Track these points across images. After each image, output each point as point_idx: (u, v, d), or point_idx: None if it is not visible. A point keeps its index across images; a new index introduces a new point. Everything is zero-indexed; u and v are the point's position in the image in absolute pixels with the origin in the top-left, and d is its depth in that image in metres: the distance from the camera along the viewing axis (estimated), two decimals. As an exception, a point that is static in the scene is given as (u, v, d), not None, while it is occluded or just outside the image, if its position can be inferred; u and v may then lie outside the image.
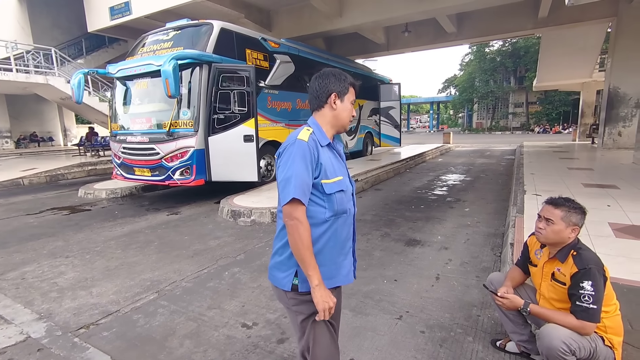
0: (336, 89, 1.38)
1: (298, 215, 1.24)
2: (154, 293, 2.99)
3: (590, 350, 1.66)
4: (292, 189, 1.23)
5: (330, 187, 1.32)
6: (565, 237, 1.77)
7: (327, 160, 1.34)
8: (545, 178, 6.67)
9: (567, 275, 1.74)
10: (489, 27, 12.90)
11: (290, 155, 1.27)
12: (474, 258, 3.62)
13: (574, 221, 1.75)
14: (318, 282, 1.27)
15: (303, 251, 1.24)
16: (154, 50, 6.36)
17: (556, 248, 1.82)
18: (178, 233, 4.70)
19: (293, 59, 8.08)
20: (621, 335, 1.77)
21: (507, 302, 1.87)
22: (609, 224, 3.81)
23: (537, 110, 37.51)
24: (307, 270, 1.26)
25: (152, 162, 6.10)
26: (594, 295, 1.63)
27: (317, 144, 1.32)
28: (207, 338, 2.34)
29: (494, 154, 14.56)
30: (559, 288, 1.80)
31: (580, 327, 1.64)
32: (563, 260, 1.78)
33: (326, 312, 1.28)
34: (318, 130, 1.37)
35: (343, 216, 1.39)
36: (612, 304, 1.76)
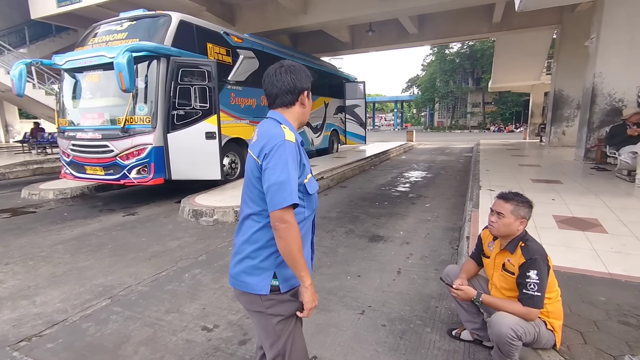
0: (307, 86, 1.36)
1: (290, 218, 1.21)
2: (107, 299, 2.82)
3: (534, 334, 1.78)
4: (288, 194, 1.19)
5: (311, 186, 1.33)
6: (514, 229, 1.88)
7: (305, 159, 1.34)
8: (499, 174, 7.08)
9: (516, 266, 1.85)
10: (448, 30, 13.44)
11: (282, 157, 1.21)
12: (433, 252, 3.76)
13: (522, 214, 1.86)
14: (310, 282, 1.27)
15: (297, 253, 1.22)
16: (107, 41, 5.97)
17: (506, 240, 1.93)
18: (135, 235, 4.47)
19: (257, 55, 7.93)
20: (561, 319, 1.92)
21: (462, 293, 1.96)
22: (553, 217, 4.12)
23: (493, 110, 39.74)
24: (301, 272, 1.24)
25: (106, 160, 5.74)
26: (538, 283, 1.74)
27: (298, 144, 1.30)
28: (164, 343, 2.24)
29: (453, 151, 15.23)
30: (508, 278, 1.91)
31: (526, 313, 1.76)
32: (512, 251, 1.89)
33: (312, 311, 1.31)
34: (291, 128, 1.33)
35: (314, 213, 1.42)
36: (554, 290, 1.90)
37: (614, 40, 7.44)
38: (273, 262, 1.29)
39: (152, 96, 5.58)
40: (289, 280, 1.31)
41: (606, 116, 7.77)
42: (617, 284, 2.60)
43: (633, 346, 1.92)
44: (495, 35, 14.34)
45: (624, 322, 2.14)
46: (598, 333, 2.04)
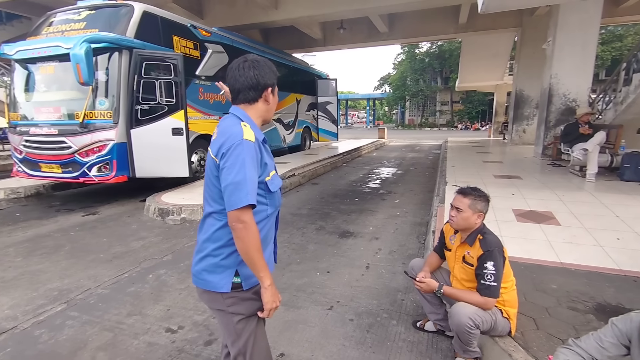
0: (271, 82, 1.32)
1: (247, 218, 1.19)
2: (62, 304, 2.67)
3: (491, 322, 1.87)
4: (245, 194, 1.17)
5: (273, 184, 1.31)
6: (473, 222, 1.96)
7: (267, 157, 1.31)
8: (464, 170, 7.36)
9: (475, 258, 1.94)
10: (417, 29, 13.74)
11: (239, 157, 1.19)
12: (401, 246, 3.85)
13: (479, 208, 1.95)
14: (270, 282, 1.25)
15: (255, 253, 1.20)
16: (63, 31, 5.61)
17: (466, 233, 2.01)
18: (95, 235, 4.26)
19: (227, 50, 7.76)
20: (516, 307, 2.03)
21: (424, 285, 2.03)
22: (513, 210, 4.34)
23: (460, 109, 41.18)
24: (260, 272, 1.23)
25: (63, 157, 5.42)
26: (494, 274, 1.83)
27: (258, 142, 1.27)
28: (124, 348, 2.15)
29: (423, 148, 15.66)
30: (468, 269, 1.99)
31: (483, 303, 1.84)
32: (472, 244, 1.97)
33: (273, 311, 1.29)
34: (253, 125, 1.30)
35: (277, 210, 1.40)
36: (509, 280, 2.00)
37: (568, 43, 7.91)
38: (235, 260, 1.28)
39: (113, 90, 5.31)
40: (251, 278, 1.30)
41: (561, 115, 8.26)
42: (568, 272, 2.78)
43: (579, 329, 2.06)
44: (462, 36, 14.83)
45: (572, 308, 2.29)
46: (549, 319, 2.18)
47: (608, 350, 1.30)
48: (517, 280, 2.09)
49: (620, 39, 27.98)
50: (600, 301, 2.35)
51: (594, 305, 2.30)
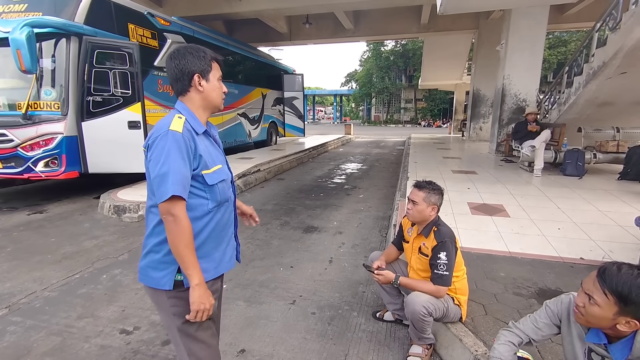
0: (197, 68, 1.26)
1: (177, 211, 1.15)
2: (3, 309, 2.48)
3: (443, 310, 1.98)
4: (170, 185, 1.13)
5: (212, 177, 1.25)
6: (427, 215, 2.05)
7: (205, 149, 1.26)
8: (425, 166, 7.65)
9: (430, 248, 2.03)
10: (381, 27, 14.02)
11: (164, 148, 1.15)
12: (364, 240, 3.95)
13: (433, 201, 2.04)
14: (198, 281, 1.19)
15: (183, 249, 1.16)
16: (1, 13, 5.12)
17: (422, 225, 2.10)
18: (42, 235, 3.97)
19: (187, 40, 7.47)
20: (467, 295, 2.15)
21: (382, 277, 2.09)
22: (468, 204, 4.58)
23: (423, 106, 42.63)
24: (188, 269, 1.18)
25: (4, 151, 4.97)
26: (447, 263, 1.93)
27: (192, 134, 1.22)
28: (74, 352, 2.04)
29: (387, 144, 16.06)
30: (423, 260, 2.08)
31: (436, 291, 1.94)
32: (427, 235, 2.06)
33: (200, 314, 1.21)
34: (191, 117, 1.26)
35: (225, 204, 1.35)
36: (461, 269, 2.12)
37: (519, 46, 8.44)
38: None
39: (61, 79, 4.94)
40: None
41: (513, 114, 8.82)
42: (515, 260, 3.00)
43: (522, 313, 2.22)
44: (424, 35, 15.34)
45: (517, 294, 2.47)
46: (497, 304, 2.34)
47: (542, 330, 1.42)
48: (470, 270, 2.23)
49: (565, 44, 30.31)
50: (541, 286, 2.55)
51: (536, 290, 2.49)
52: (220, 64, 1.34)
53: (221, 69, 1.34)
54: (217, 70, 1.32)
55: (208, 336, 1.33)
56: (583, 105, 6.88)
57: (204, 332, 1.31)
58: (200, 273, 1.20)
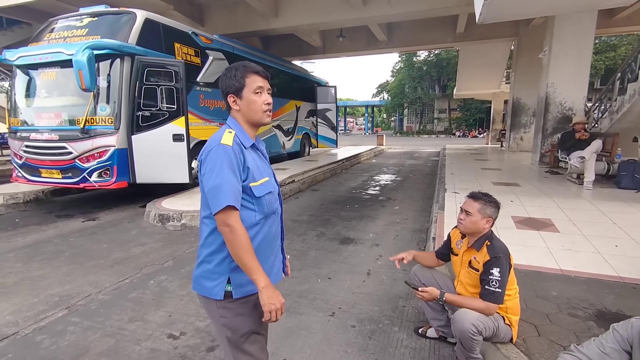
0: (230, 89, 1.32)
1: (232, 221, 1.20)
2: (64, 309, 2.66)
3: (493, 329, 1.88)
4: (223, 197, 1.19)
5: (259, 189, 1.30)
6: (481, 227, 1.98)
7: (252, 162, 1.30)
8: (463, 177, 7.40)
9: (481, 263, 1.95)
10: (415, 38, 13.93)
11: (217, 162, 1.22)
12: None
13: (488, 213, 1.97)
14: (265, 284, 1.22)
15: (244, 256, 1.20)
16: (65, 37, 5.65)
17: (474, 238, 2.03)
18: (95, 241, 4.25)
19: (227, 57, 7.82)
20: (519, 315, 2.04)
21: (426, 294, 2.02)
22: (512, 217, 4.37)
23: (458, 116, 41.51)
24: (252, 274, 1.22)
25: (64, 163, 5.42)
26: (500, 280, 1.85)
27: (241, 147, 1.28)
28: (127, 354, 2.15)
29: (421, 155, 15.74)
30: (473, 274, 2.01)
31: (485, 308, 1.86)
32: (479, 249, 1.98)
33: (274, 314, 1.23)
34: (240, 131, 1.32)
35: (272, 217, 1.37)
36: (513, 288, 2.02)
37: (564, 53, 8.04)
38: (227, 266, 1.28)
39: (115, 96, 5.34)
40: (243, 287, 1.29)
41: (558, 123, 8.35)
42: (567, 279, 2.80)
43: (580, 336, 2.07)
44: (459, 45, 15.03)
45: (573, 315, 2.30)
46: (550, 325, 2.19)
47: (610, 356, 1.31)
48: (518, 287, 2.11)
49: (614, 49, 28.42)
50: (600, 308, 2.37)
51: (594, 312, 2.32)
52: (260, 74, 1.33)
53: (263, 77, 1.33)
54: (254, 82, 1.31)
55: (256, 349, 1.34)
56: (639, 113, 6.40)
57: (252, 345, 1.33)
58: (265, 276, 1.23)
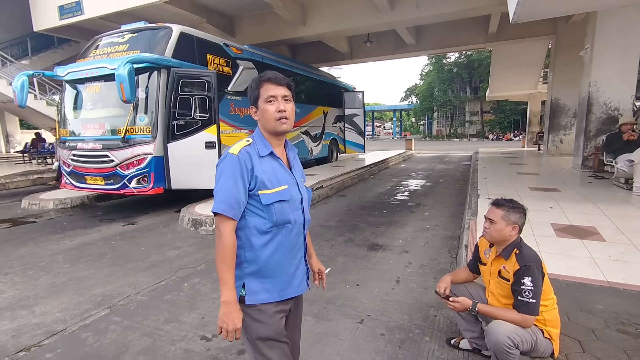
0: (251, 100, 1.36)
1: (221, 227, 1.25)
2: (106, 309, 2.82)
3: (531, 342, 1.79)
4: (216, 203, 1.25)
5: (268, 197, 1.29)
6: (507, 235, 1.90)
7: (265, 170, 1.30)
8: (497, 182, 7.11)
9: (511, 272, 1.87)
10: (445, 40, 13.64)
11: (221, 170, 1.28)
12: (432, 260, 3.77)
13: (513, 220, 1.89)
14: (225, 299, 1.24)
15: (218, 263, 1.25)
16: (108, 53, 6.06)
17: (501, 246, 1.95)
18: (134, 244, 4.48)
19: (257, 66, 8.04)
20: (559, 327, 1.93)
21: (458, 304, 1.96)
22: (551, 225, 4.13)
23: (491, 118, 40.04)
24: (220, 283, 1.25)
25: (106, 170, 5.77)
26: (533, 290, 1.76)
27: (251, 156, 1.29)
28: (163, 353, 2.24)
29: (452, 160, 15.30)
30: (504, 284, 1.92)
31: (521, 320, 1.77)
32: (507, 257, 1.91)
33: (225, 333, 1.24)
34: (260, 139, 1.35)
35: (287, 226, 1.34)
36: (550, 298, 1.91)
37: (608, 50, 7.56)
38: (242, 271, 1.31)
39: (152, 107, 5.64)
40: (256, 294, 1.30)
41: (602, 124, 7.84)
42: (616, 292, 2.61)
43: (631, 355, 1.92)
44: (492, 45, 14.54)
45: (622, 331, 2.14)
46: (596, 342, 2.05)
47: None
48: (559, 299, 1.99)
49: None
50: (653, 324, 2.18)
51: (646, 329, 2.14)
52: (273, 81, 1.31)
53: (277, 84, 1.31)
54: (266, 91, 1.30)
55: (275, 355, 1.33)
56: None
57: (271, 350, 1.33)
58: (231, 291, 1.24)
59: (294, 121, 1.38)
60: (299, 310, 1.54)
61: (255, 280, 1.30)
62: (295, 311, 1.49)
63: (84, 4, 9.64)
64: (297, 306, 1.49)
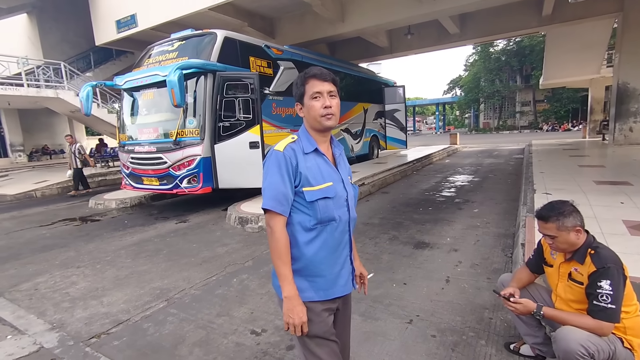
0: (296, 97, 1.36)
1: (272, 223, 1.26)
2: (164, 301, 3.00)
3: (609, 352, 1.61)
4: (265, 200, 1.26)
5: (311, 194, 1.28)
6: (574, 241, 1.72)
7: (310, 167, 1.30)
8: (555, 176, 6.55)
9: (585, 275, 1.70)
10: (492, 27, 12.82)
11: (267, 167, 1.29)
12: (484, 259, 3.56)
13: (570, 225, 1.70)
14: (287, 294, 1.24)
15: (275, 259, 1.26)
16: (160, 61, 6.45)
17: (571, 251, 1.78)
18: (186, 241, 4.73)
19: (297, 65, 8.13)
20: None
21: (520, 306, 1.82)
22: (623, 222, 3.72)
23: (545, 108, 37.07)
24: (279, 280, 1.26)
25: (160, 171, 6.16)
26: (612, 294, 1.58)
27: (295, 153, 1.29)
28: (216, 346, 2.33)
29: (502, 153, 14.41)
30: (576, 288, 1.75)
31: (597, 327, 1.60)
32: (582, 260, 1.72)
33: (292, 328, 1.24)
34: (305, 136, 1.35)
35: (332, 224, 1.32)
36: (632, 304, 1.70)
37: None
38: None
39: (200, 110, 5.91)
40: (302, 292, 1.29)
41: (683, 109, 6.92)
42: None
43: None
44: (546, 29, 13.43)
45: None
46: (686, 354, 1.80)
47: None
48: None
49: None
50: None
51: None
52: (318, 77, 1.30)
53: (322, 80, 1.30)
54: (311, 87, 1.30)
55: (323, 353, 1.32)
56: None
57: (319, 348, 1.32)
58: (292, 286, 1.24)
59: (339, 117, 1.37)
60: (348, 309, 1.52)
61: (301, 278, 1.30)
62: (343, 310, 1.47)
63: (137, 17, 10.37)
64: (345, 305, 1.48)
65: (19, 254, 4.49)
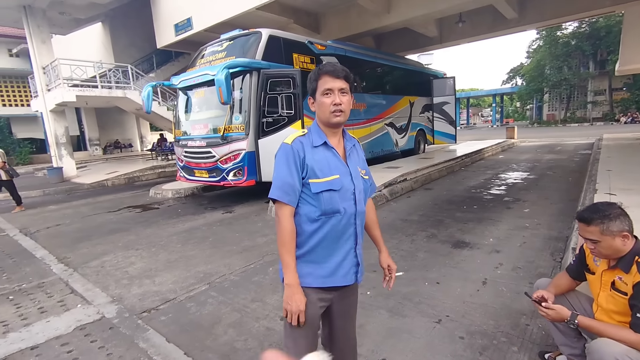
0: (309, 92, 1.42)
1: (279, 213, 1.34)
2: (206, 284, 3.27)
3: (649, 370, 1.47)
4: (273, 190, 1.33)
5: (317, 186, 1.32)
6: (619, 247, 1.58)
7: (317, 160, 1.34)
8: (625, 175, 5.87)
9: (630, 285, 1.56)
10: (557, 9, 11.62)
11: (277, 159, 1.37)
12: (529, 263, 3.35)
13: (616, 230, 1.55)
14: (288, 282, 1.29)
15: (280, 247, 1.32)
16: (210, 61, 6.85)
17: (616, 257, 1.64)
18: (231, 230, 5.04)
19: (340, 60, 8.12)
20: (693, 356, 1.54)
21: (552, 312, 1.71)
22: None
23: (624, 97, 32.85)
24: (283, 267, 1.32)
25: (209, 165, 6.59)
26: (659, 308, 1.44)
27: (304, 145, 1.34)
28: (248, 328, 2.50)
29: (566, 148, 13.16)
30: (619, 298, 1.62)
31: (637, 342, 1.47)
32: (627, 269, 1.58)
33: (291, 316, 1.28)
34: (315, 130, 1.40)
35: (336, 216, 1.35)
36: (681, 320, 1.54)
37: None
38: None
39: (245, 106, 6.21)
40: (300, 277, 1.33)
41: None
42: None
43: None
44: (623, 7, 11.88)
45: None
46: None
47: None
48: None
49: None
50: None
51: None
52: (331, 74, 1.33)
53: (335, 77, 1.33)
54: (324, 84, 1.34)
55: (298, 335, 1.35)
56: None
57: (295, 330, 1.34)
58: (293, 274, 1.30)
59: (349, 113, 1.40)
60: (349, 301, 1.50)
61: (302, 263, 1.36)
62: (341, 302, 1.46)
63: (193, 20, 11.06)
64: (344, 299, 1.47)
65: (91, 236, 5.12)
